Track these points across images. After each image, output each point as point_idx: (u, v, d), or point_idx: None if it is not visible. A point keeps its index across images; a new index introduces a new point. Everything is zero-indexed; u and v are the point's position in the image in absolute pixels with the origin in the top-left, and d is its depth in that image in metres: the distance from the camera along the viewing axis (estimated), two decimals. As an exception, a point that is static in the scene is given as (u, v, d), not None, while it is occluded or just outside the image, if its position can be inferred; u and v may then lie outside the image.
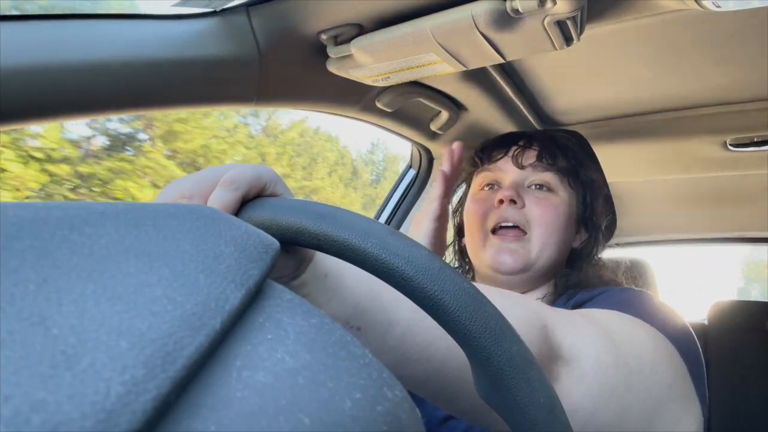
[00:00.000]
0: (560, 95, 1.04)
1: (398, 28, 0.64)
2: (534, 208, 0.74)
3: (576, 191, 0.78)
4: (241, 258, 0.21)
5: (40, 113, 0.54)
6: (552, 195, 0.76)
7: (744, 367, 1.50)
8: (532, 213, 0.74)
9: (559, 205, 0.75)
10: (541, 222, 0.74)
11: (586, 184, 0.79)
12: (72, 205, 0.19)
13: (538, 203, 0.75)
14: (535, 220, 0.74)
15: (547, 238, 0.74)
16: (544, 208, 0.74)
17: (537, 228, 0.74)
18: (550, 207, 0.75)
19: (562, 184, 0.77)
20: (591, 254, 0.79)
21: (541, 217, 0.74)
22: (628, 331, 0.50)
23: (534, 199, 0.75)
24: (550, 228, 0.74)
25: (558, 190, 0.77)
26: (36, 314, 0.14)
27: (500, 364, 0.25)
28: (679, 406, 0.48)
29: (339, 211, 0.29)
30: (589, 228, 0.79)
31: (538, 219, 0.74)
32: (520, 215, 0.74)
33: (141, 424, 0.13)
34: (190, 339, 0.16)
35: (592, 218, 0.79)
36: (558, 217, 0.75)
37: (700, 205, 1.58)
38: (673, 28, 0.75)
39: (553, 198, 0.76)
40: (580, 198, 0.78)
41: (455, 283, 0.26)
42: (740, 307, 1.58)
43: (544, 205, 0.75)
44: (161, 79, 0.61)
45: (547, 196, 0.76)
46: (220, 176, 0.32)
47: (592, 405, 0.42)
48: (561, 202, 0.76)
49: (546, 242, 0.74)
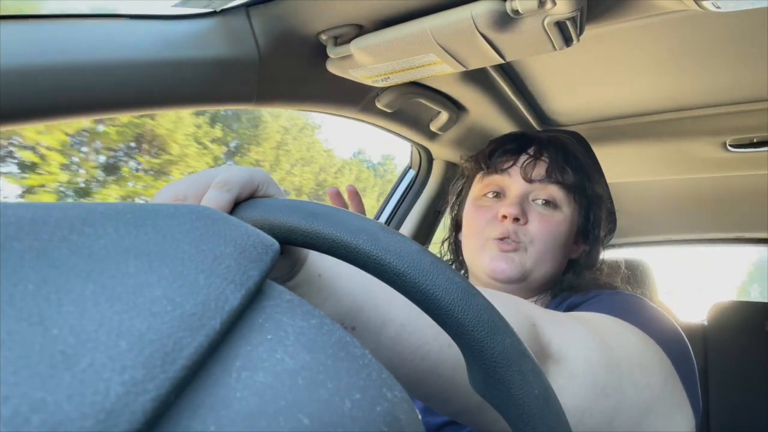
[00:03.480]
0: (560, 96, 1.04)
1: (398, 29, 0.64)
2: (536, 224, 0.74)
3: (581, 205, 0.78)
4: (240, 258, 0.21)
5: (40, 113, 0.54)
6: (556, 212, 0.76)
7: (744, 368, 1.50)
8: (533, 229, 0.74)
9: (562, 223, 0.75)
10: (541, 239, 0.74)
11: (591, 199, 0.78)
12: (71, 205, 0.19)
13: (541, 220, 0.74)
14: (536, 238, 0.74)
15: (544, 253, 0.74)
16: (546, 226, 0.74)
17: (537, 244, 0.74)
18: (552, 225, 0.74)
19: (567, 199, 0.76)
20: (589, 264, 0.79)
21: (542, 234, 0.74)
22: (617, 332, 0.50)
23: (537, 215, 0.75)
24: (548, 244, 0.74)
25: (563, 206, 0.76)
26: (35, 314, 0.14)
27: (494, 357, 0.25)
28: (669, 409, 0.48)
29: (331, 209, 0.29)
30: (589, 240, 0.79)
31: (538, 236, 0.74)
32: (522, 232, 0.74)
33: (140, 425, 0.13)
34: (189, 339, 0.16)
35: (594, 231, 0.79)
36: (559, 234, 0.75)
37: (700, 205, 1.58)
38: (673, 29, 0.75)
39: (556, 215, 0.75)
40: (584, 212, 0.78)
41: (447, 277, 0.26)
42: (740, 307, 1.58)
43: (546, 222, 0.74)
44: (161, 79, 0.61)
45: (551, 213, 0.75)
46: (214, 178, 0.32)
47: (582, 405, 0.42)
48: (564, 219, 0.76)
49: (542, 257, 0.74)
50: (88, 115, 0.58)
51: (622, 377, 0.45)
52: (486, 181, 0.80)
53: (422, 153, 1.18)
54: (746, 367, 1.50)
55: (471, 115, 1.02)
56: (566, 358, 0.43)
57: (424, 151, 1.17)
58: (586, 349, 0.45)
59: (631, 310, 0.57)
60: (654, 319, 0.56)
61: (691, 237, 1.93)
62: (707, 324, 1.60)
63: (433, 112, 1.01)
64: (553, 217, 0.75)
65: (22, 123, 0.53)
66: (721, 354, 1.54)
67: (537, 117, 1.12)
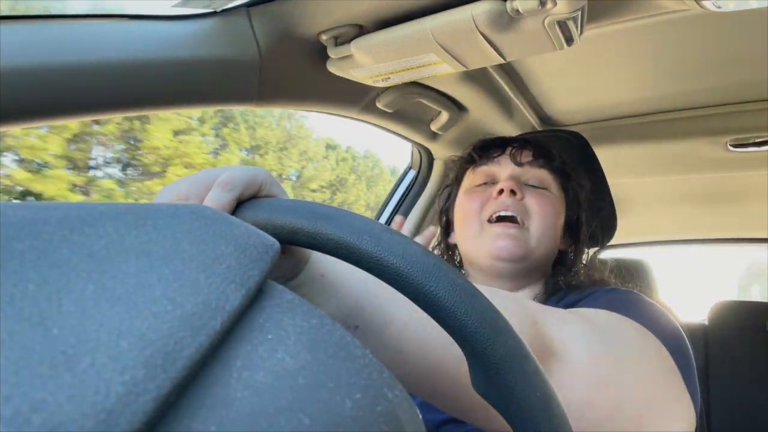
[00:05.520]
0: (560, 96, 1.04)
1: (398, 29, 0.64)
2: (532, 200, 0.75)
3: (566, 194, 0.80)
4: (241, 258, 0.21)
5: (40, 113, 0.54)
6: (548, 192, 0.77)
7: (744, 367, 1.50)
8: (530, 204, 0.75)
9: (555, 202, 0.77)
10: (539, 213, 0.74)
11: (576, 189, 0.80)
12: (72, 205, 0.19)
13: (536, 197, 0.76)
14: (534, 212, 0.74)
15: (545, 229, 0.74)
16: (542, 201, 0.75)
17: (535, 219, 0.74)
18: (547, 201, 0.76)
19: (555, 183, 0.79)
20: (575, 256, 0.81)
21: (539, 208, 0.74)
22: (617, 326, 0.51)
23: (532, 193, 0.76)
24: (547, 220, 0.75)
25: (552, 188, 0.78)
26: (36, 314, 0.14)
27: (496, 359, 0.25)
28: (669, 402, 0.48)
29: (334, 210, 0.29)
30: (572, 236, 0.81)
31: (536, 211, 0.74)
32: (519, 205, 0.74)
33: (141, 425, 0.13)
34: (190, 339, 0.16)
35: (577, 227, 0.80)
36: (555, 211, 0.76)
37: (700, 205, 1.58)
38: (673, 28, 0.76)
39: (549, 194, 0.77)
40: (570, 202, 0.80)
41: (450, 278, 0.26)
42: (740, 307, 1.58)
43: (542, 198, 0.76)
44: (162, 80, 0.61)
45: (543, 192, 0.77)
46: (216, 177, 0.32)
47: (584, 399, 0.42)
48: (556, 199, 0.77)
49: (544, 233, 0.74)
50: (88, 116, 0.58)
51: (623, 371, 0.46)
52: (476, 173, 0.82)
53: (423, 153, 1.18)
54: (747, 367, 1.50)
55: (471, 115, 1.02)
56: (567, 354, 0.43)
57: (424, 151, 1.17)
58: (587, 344, 0.45)
59: (629, 306, 0.57)
60: (652, 313, 0.57)
61: (691, 236, 1.93)
62: (708, 323, 1.60)
63: (433, 112, 1.01)
64: (546, 196, 0.76)
65: (22, 123, 0.53)
66: (721, 354, 1.54)
67: (537, 117, 1.12)
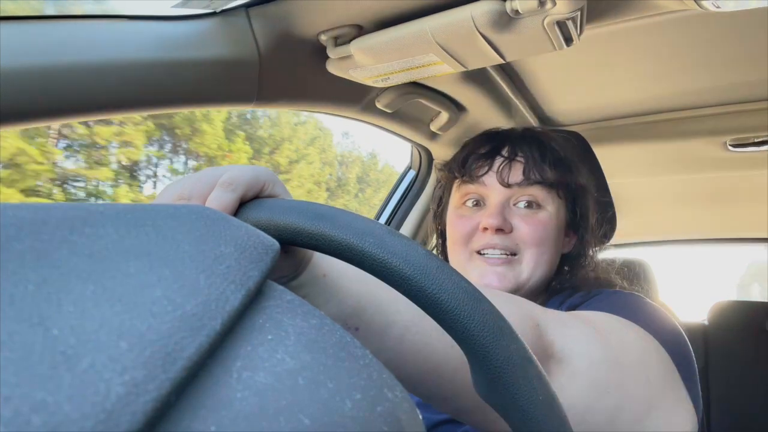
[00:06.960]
0: (560, 96, 1.04)
1: (398, 29, 0.64)
2: (522, 228, 0.71)
3: (566, 200, 0.75)
4: (241, 259, 0.21)
5: (40, 113, 0.53)
6: (540, 211, 0.73)
7: (744, 367, 1.50)
8: (520, 235, 0.71)
9: (548, 221, 0.72)
10: (531, 242, 0.71)
11: (575, 191, 0.76)
12: (72, 206, 0.19)
13: (526, 222, 0.72)
14: (525, 242, 0.71)
15: (539, 257, 0.71)
16: (533, 227, 0.71)
17: (528, 249, 0.71)
18: (539, 225, 0.72)
19: (549, 196, 0.74)
20: (582, 255, 0.77)
21: (531, 236, 0.71)
22: (618, 329, 0.51)
23: (521, 218, 0.72)
24: (541, 247, 0.71)
25: (545, 204, 0.73)
26: (36, 315, 0.14)
27: (499, 362, 0.25)
28: (670, 405, 0.48)
29: (337, 211, 0.29)
30: (579, 230, 0.77)
31: (528, 240, 0.71)
32: (508, 241, 0.71)
33: (141, 425, 0.13)
34: (190, 340, 0.16)
35: (582, 222, 0.77)
36: (547, 234, 0.72)
37: (700, 205, 1.58)
38: (673, 28, 0.75)
39: (540, 214, 0.73)
40: (570, 205, 0.76)
41: (453, 281, 0.26)
42: (740, 307, 1.58)
43: (532, 223, 0.72)
44: (161, 80, 0.61)
45: (534, 213, 0.73)
46: (219, 177, 0.32)
47: (584, 403, 0.42)
48: (549, 217, 0.73)
49: (538, 261, 0.71)
50: (88, 116, 0.57)
51: (624, 374, 0.46)
52: (463, 190, 0.77)
53: (422, 153, 1.18)
54: (747, 367, 1.50)
55: (471, 115, 1.02)
56: (568, 357, 0.43)
57: (424, 151, 1.17)
58: (588, 347, 0.45)
59: (631, 309, 0.57)
60: (654, 317, 0.56)
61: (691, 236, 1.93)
62: (708, 324, 1.60)
63: (433, 113, 1.01)
64: (538, 218, 0.72)
65: (22, 123, 0.53)
66: (721, 354, 1.54)
67: (537, 117, 1.12)
